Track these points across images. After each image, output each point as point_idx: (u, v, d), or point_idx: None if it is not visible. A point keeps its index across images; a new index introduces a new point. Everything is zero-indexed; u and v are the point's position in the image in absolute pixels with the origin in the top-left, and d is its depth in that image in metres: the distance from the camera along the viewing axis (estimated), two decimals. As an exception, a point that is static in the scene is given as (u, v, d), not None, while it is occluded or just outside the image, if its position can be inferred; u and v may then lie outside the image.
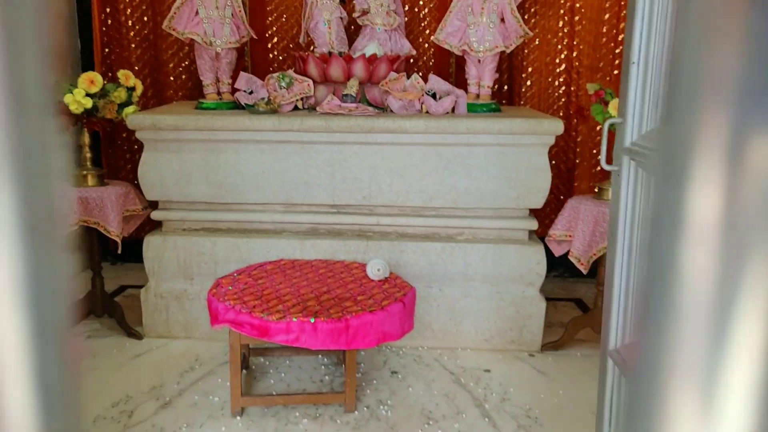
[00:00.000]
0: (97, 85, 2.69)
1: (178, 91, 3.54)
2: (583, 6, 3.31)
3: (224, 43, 2.92)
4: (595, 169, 3.46)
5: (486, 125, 2.71)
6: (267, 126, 2.74)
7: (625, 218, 1.35)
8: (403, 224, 2.87)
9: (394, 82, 2.91)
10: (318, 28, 3.04)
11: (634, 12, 1.30)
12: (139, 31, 3.49)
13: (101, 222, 2.75)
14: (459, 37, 2.94)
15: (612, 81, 3.36)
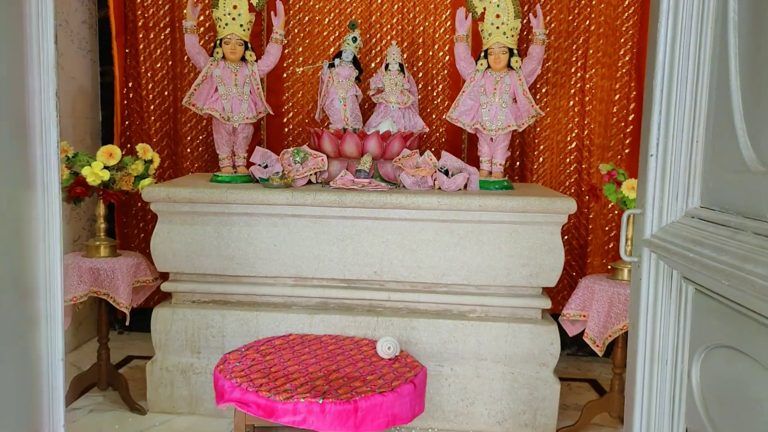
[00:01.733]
0: (115, 157, 2.74)
1: (194, 162, 3.59)
2: (593, 87, 3.38)
3: (241, 118, 2.98)
4: (608, 246, 3.44)
5: (498, 203, 2.71)
6: (280, 200, 2.76)
7: (646, 312, 1.33)
8: (415, 300, 2.84)
9: (407, 159, 2.94)
10: (333, 105, 3.11)
11: (652, 104, 1.32)
12: (160, 105, 3.58)
13: (111, 293, 2.74)
14: (472, 116, 2.99)
15: (623, 159, 3.39)
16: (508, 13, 2.89)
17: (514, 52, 2.92)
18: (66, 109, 3.28)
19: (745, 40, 1.12)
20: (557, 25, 3.39)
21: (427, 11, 3.48)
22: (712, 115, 1.22)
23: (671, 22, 1.27)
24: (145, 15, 3.51)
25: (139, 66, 3.54)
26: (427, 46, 3.50)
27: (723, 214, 1.15)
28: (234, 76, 2.97)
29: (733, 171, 1.13)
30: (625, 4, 3.34)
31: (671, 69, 1.28)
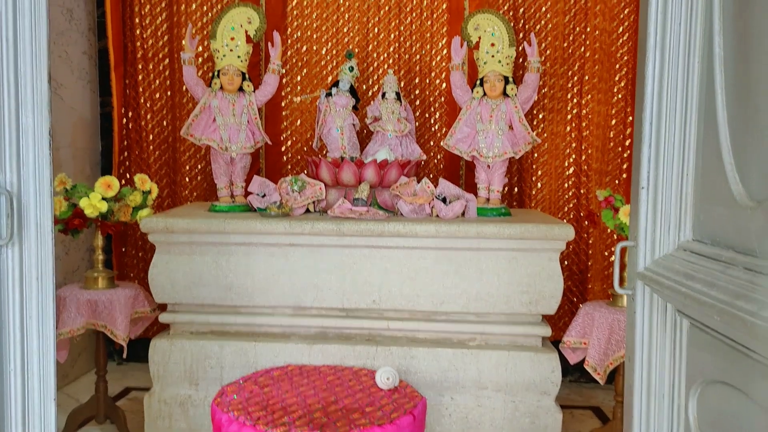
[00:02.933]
0: (113, 189, 2.75)
1: (193, 191, 3.60)
2: (589, 113, 3.40)
3: (239, 148, 3.00)
4: (608, 270, 3.43)
5: (497, 230, 2.71)
6: (278, 229, 2.76)
7: (642, 345, 1.32)
8: (414, 329, 2.82)
9: (405, 187, 2.95)
10: (331, 134, 3.13)
11: (642, 137, 1.32)
12: (158, 135, 3.60)
13: (108, 325, 2.73)
14: (468, 143, 3.00)
15: (621, 184, 3.39)
16: (502, 41, 2.92)
17: (509, 79, 2.94)
18: (65, 139, 3.31)
19: (731, 74, 1.13)
20: (552, 51, 3.42)
21: (423, 40, 3.52)
22: (701, 149, 1.23)
23: (659, 57, 1.28)
24: (144, 46, 3.55)
25: (139, 96, 3.57)
26: (423, 74, 3.53)
27: (714, 248, 1.15)
28: (232, 106, 2.99)
29: (723, 205, 1.13)
30: (620, 30, 3.37)
31: (660, 102, 1.29)
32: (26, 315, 1.44)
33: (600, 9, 3.35)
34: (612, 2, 3.36)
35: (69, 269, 3.35)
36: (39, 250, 1.40)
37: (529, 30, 3.38)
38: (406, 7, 3.52)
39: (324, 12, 3.54)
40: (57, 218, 2.70)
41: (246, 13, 2.98)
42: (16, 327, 1.47)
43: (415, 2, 3.51)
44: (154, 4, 3.53)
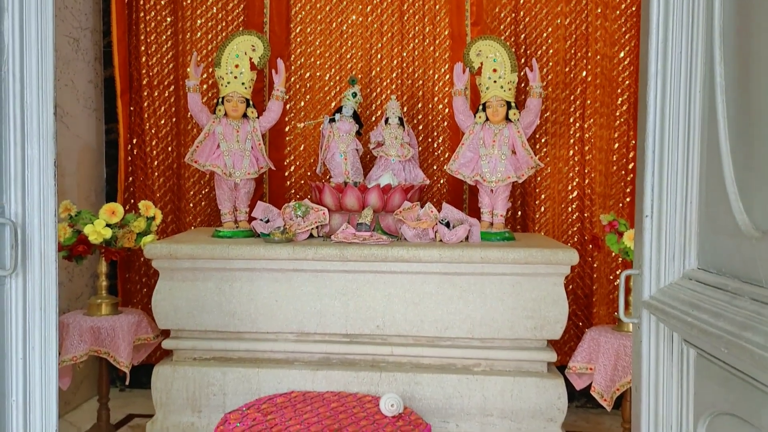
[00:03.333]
0: (117, 215, 2.76)
1: (197, 217, 3.61)
2: (592, 137, 3.41)
3: (243, 174, 3.01)
4: (613, 294, 3.41)
5: (500, 255, 2.70)
6: (282, 255, 2.76)
7: (648, 375, 1.30)
8: (418, 355, 2.80)
9: (408, 211, 2.95)
10: (334, 159, 3.14)
11: (645, 165, 1.32)
12: (163, 161, 3.62)
13: (111, 352, 2.72)
14: (472, 168, 3.01)
15: (624, 207, 3.38)
16: (504, 67, 2.94)
17: (511, 104, 2.96)
18: (71, 166, 3.33)
19: (732, 104, 1.13)
20: (554, 76, 3.44)
21: (426, 65, 3.54)
22: (704, 178, 1.22)
23: (660, 85, 1.28)
24: (149, 74, 3.59)
25: (144, 123, 3.60)
26: (426, 99, 3.56)
27: (720, 277, 1.14)
28: (236, 132, 3.01)
29: (727, 234, 1.12)
30: (621, 55, 3.40)
31: (662, 131, 1.29)
32: (29, 346, 1.43)
33: (600, 35, 3.38)
34: (612, 28, 3.38)
35: (73, 295, 3.35)
36: (43, 281, 1.40)
37: (530, 55, 3.41)
38: (408, 34, 3.55)
39: (327, 39, 3.58)
40: (61, 245, 2.71)
41: (250, 40, 3.01)
42: (18, 358, 1.46)
43: (417, 29, 3.54)
44: (159, 32, 3.58)
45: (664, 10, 1.26)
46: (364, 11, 3.55)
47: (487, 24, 3.46)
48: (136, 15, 3.57)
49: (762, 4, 1.04)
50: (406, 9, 3.55)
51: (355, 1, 3.55)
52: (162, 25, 3.58)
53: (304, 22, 3.59)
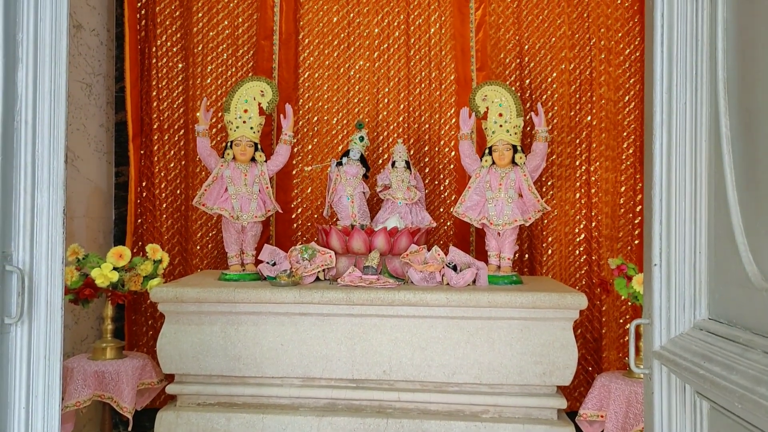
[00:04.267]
0: (125, 258, 2.77)
1: (203, 259, 3.61)
2: (598, 180, 3.41)
3: (250, 217, 3.02)
4: (623, 339, 3.36)
5: (508, 299, 2.68)
6: (288, 298, 2.75)
7: (661, 427, 1.27)
8: (425, 401, 2.76)
9: (415, 255, 2.94)
10: (341, 202, 3.15)
11: (652, 214, 1.32)
12: (172, 203, 3.65)
13: (115, 397, 2.69)
14: (478, 211, 3.01)
15: (633, 251, 3.37)
16: (510, 112, 2.97)
17: (517, 148, 2.98)
18: (80, 209, 3.35)
19: (739, 155, 1.13)
20: (559, 120, 3.47)
21: (432, 110, 3.59)
22: (713, 228, 1.22)
23: (665, 135, 1.29)
24: (160, 118, 3.64)
25: (153, 166, 3.63)
26: (433, 143, 3.59)
27: (731, 329, 1.13)
28: (244, 176, 3.03)
29: (737, 285, 1.11)
30: (626, 99, 3.43)
31: (669, 179, 1.29)
32: (32, 394, 1.42)
33: (605, 79, 3.42)
34: (616, 73, 3.43)
35: (78, 338, 3.33)
36: (48, 329, 1.40)
37: (535, 100, 3.44)
38: (415, 79, 3.60)
39: (335, 83, 3.64)
40: (68, 288, 2.71)
41: (259, 86, 3.06)
42: (21, 406, 1.45)
43: (423, 74, 3.60)
44: (171, 78, 3.65)
45: (667, 62, 1.27)
46: (371, 57, 3.61)
47: (492, 69, 3.51)
48: (148, 61, 3.64)
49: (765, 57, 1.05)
50: (412, 55, 3.61)
51: (362, 47, 3.62)
52: (173, 71, 3.65)
53: (312, 68, 3.65)
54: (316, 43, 3.65)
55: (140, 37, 3.64)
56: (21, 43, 1.43)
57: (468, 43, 3.54)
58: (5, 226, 1.36)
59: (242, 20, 3.65)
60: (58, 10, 1.48)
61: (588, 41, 3.47)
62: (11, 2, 1.41)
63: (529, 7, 3.53)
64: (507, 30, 3.54)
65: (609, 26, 3.43)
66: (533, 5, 3.52)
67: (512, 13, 3.53)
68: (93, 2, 3.48)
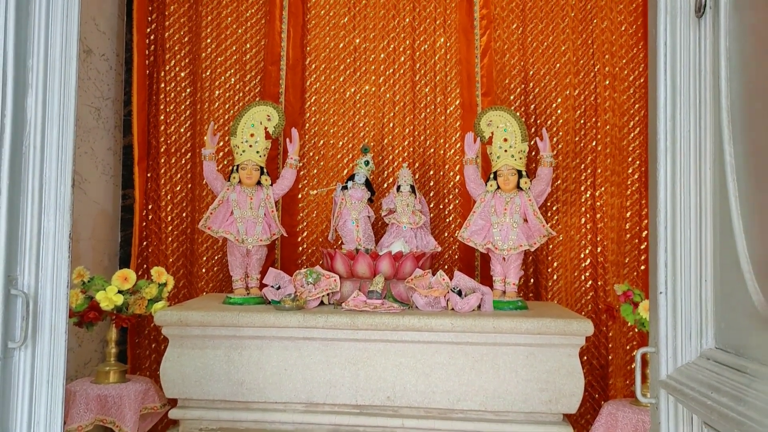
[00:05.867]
0: (130, 281, 2.77)
1: (209, 282, 3.61)
2: (604, 205, 3.41)
3: (255, 240, 3.02)
4: (630, 366, 3.33)
5: (513, 324, 2.66)
6: (292, 323, 2.74)
7: (668, 459, 1.25)
8: (430, 428, 2.72)
9: (420, 279, 2.93)
10: (346, 226, 3.16)
11: (657, 242, 1.31)
12: (177, 226, 3.66)
13: (117, 421, 2.68)
14: (483, 236, 3.01)
15: (639, 276, 3.35)
16: (515, 137, 2.98)
17: (522, 173, 2.98)
18: (86, 232, 3.37)
19: (744, 183, 1.13)
20: (564, 145, 3.48)
21: (437, 134, 3.61)
22: (719, 256, 1.21)
23: (670, 163, 1.29)
24: (167, 141, 3.67)
25: (160, 189, 3.65)
26: (437, 167, 3.60)
27: (739, 359, 1.11)
28: (249, 199, 3.04)
29: (744, 314, 1.10)
30: (630, 125, 3.44)
31: (673, 207, 1.29)
32: (34, 420, 1.41)
33: (609, 105, 3.44)
34: (621, 99, 3.44)
35: (81, 361, 3.32)
36: (51, 353, 1.40)
37: (540, 125, 3.46)
38: (420, 103, 3.63)
39: (341, 108, 3.66)
40: (72, 311, 2.71)
41: (266, 110, 3.09)
42: (23, 430, 1.44)
43: (429, 99, 3.62)
44: (179, 102, 3.68)
45: (671, 90, 1.28)
46: (377, 82, 3.65)
47: (497, 94, 3.53)
48: (156, 86, 3.69)
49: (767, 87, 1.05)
50: (418, 80, 3.64)
51: (368, 72, 3.65)
52: (181, 95, 3.69)
53: (318, 92, 3.68)
54: (323, 68, 3.68)
55: (149, 62, 3.69)
56: (31, 69, 1.45)
57: (473, 69, 3.57)
58: (11, 250, 1.37)
59: (250, 46, 3.70)
60: (68, 37, 1.51)
61: (592, 67, 3.49)
62: (22, 29, 1.43)
63: (534, 34, 3.56)
64: (512, 56, 3.57)
65: (613, 53, 3.46)
66: (538, 32, 3.56)
67: (517, 39, 3.57)
68: (103, 28, 3.53)
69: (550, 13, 3.54)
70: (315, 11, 3.69)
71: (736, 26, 1.18)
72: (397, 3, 3.65)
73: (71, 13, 1.47)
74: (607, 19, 3.48)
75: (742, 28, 1.16)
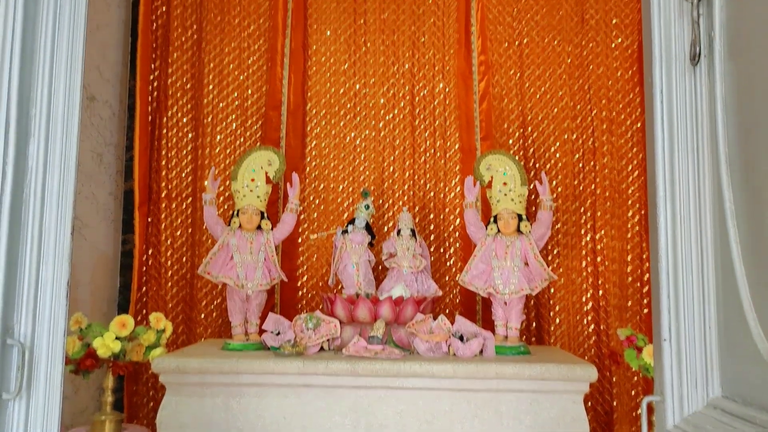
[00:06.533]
0: (128, 328, 2.74)
1: (207, 328, 3.58)
2: (604, 248, 3.40)
3: (255, 285, 3.01)
4: (636, 412, 3.27)
5: (516, 370, 2.62)
6: (291, 369, 2.69)
7: None
8: (432, 478, 2.65)
9: (421, 324, 2.90)
10: (347, 271, 3.14)
11: (660, 289, 1.30)
12: (177, 271, 3.65)
13: (112, 473, 2.61)
14: (484, 280, 2.99)
15: (642, 320, 3.32)
16: (514, 180, 3.00)
17: (522, 217, 2.99)
18: (85, 277, 3.35)
19: (744, 229, 1.13)
20: (563, 189, 3.49)
21: (437, 178, 3.62)
22: (722, 302, 1.20)
23: (669, 209, 1.29)
24: (169, 186, 3.69)
25: (160, 234, 3.65)
26: (438, 210, 3.60)
27: (747, 408, 1.09)
28: (249, 244, 3.04)
29: (749, 362, 1.08)
30: (629, 168, 3.46)
31: (675, 253, 1.29)
32: (26, 474, 1.38)
33: (607, 149, 3.47)
34: (619, 143, 3.47)
35: (77, 410, 3.26)
36: (46, 405, 1.37)
37: (539, 169, 3.48)
38: (420, 148, 3.66)
39: (341, 152, 3.69)
40: (69, 359, 2.67)
41: (267, 155, 3.11)
42: (14, 485, 1.40)
43: (428, 143, 3.66)
44: (180, 148, 3.72)
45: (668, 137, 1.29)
46: (377, 126, 3.68)
47: (496, 138, 3.57)
48: (159, 131, 3.72)
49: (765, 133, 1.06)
50: (417, 124, 3.68)
51: (368, 117, 3.70)
52: (183, 140, 3.73)
53: (319, 137, 3.72)
54: (323, 113, 3.73)
55: (152, 107, 3.73)
56: (34, 118, 1.46)
57: (472, 114, 3.61)
58: (8, 299, 1.35)
59: (251, 92, 3.75)
60: (71, 87, 1.52)
61: (590, 112, 3.53)
62: (26, 79, 1.45)
63: (531, 79, 3.62)
64: (510, 101, 3.62)
65: (610, 98, 3.51)
66: (535, 77, 3.61)
67: (515, 85, 3.62)
68: (107, 75, 3.59)
69: (547, 59, 3.61)
70: (316, 58, 3.76)
71: (731, 73, 1.20)
72: (397, 50, 3.72)
73: (75, 64, 1.49)
74: (603, 65, 3.54)
75: (737, 75, 1.17)
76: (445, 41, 3.69)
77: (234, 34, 3.75)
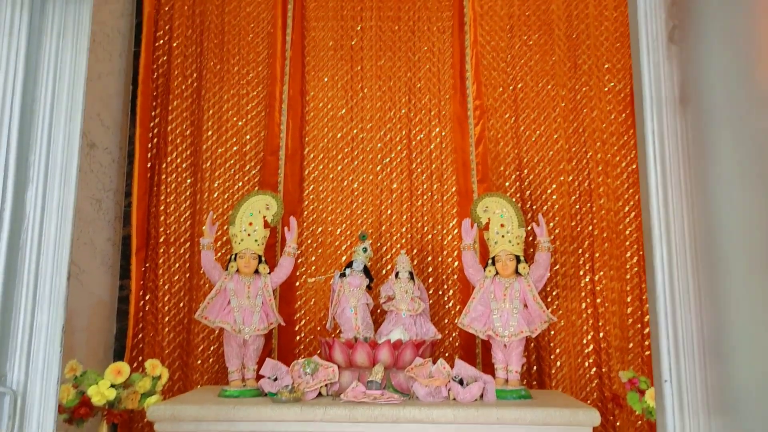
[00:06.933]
0: (123, 375, 2.70)
1: (204, 374, 3.53)
2: (603, 289, 3.39)
3: (252, 330, 2.98)
4: (641, 457, 3.20)
5: (517, 415, 2.58)
6: (289, 416, 2.65)
7: None
8: None
9: (420, 368, 2.87)
10: (345, 314, 3.12)
11: (658, 330, 1.29)
12: (174, 316, 3.62)
13: None
14: (483, 322, 2.97)
15: (644, 362, 3.28)
16: (512, 222, 3.01)
17: (520, 258, 2.98)
18: (81, 323, 3.32)
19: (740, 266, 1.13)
20: (561, 230, 3.50)
21: (434, 221, 3.64)
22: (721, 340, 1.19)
23: (665, 249, 1.29)
24: (167, 231, 3.69)
25: (158, 279, 3.64)
26: (435, 254, 3.60)
27: (751, 451, 1.07)
28: (247, 288, 3.02)
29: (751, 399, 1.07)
30: (626, 210, 3.48)
31: (672, 292, 1.28)
32: None
33: (604, 190, 3.49)
34: (615, 184, 3.50)
35: (69, 460, 3.18)
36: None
37: (536, 210, 3.50)
38: (417, 191, 3.68)
39: (339, 196, 3.71)
40: (63, 407, 2.63)
41: (264, 200, 3.13)
42: None
43: (425, 186, 3.68)
44: (179, 193, 3.73)
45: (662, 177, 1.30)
46: (374, 170, 3.72)
47: (492, 181, 3.59)
48: (158, 177, 3.75)
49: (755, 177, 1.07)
50: (414, 168, 3.71)
51: (365, 161, 3.73)
52: (182, 186, 3.75)
53: (316, 181, 3.74)
54: (321, 157, 3.76)
55: (151, 154, 3.77)
56: (32, 165, 1.48)
57: (468, 157, 3.65)
58: (2, 346, 1.34)
59: (250, 137, 3.79)
60: (71, 133, 1.55)
61: (585, 154, 3.57)
62: (26, 125, 1.47)
63: (526, 123, 3.67)
64: (506, 144, 3.66)
65: (604, 140, 3.55)
66: (531, 121, 3.66)
67: (510, 128, 3.67)
68: (108, 122, 3.64)
69: (542, 103, 3.66)
70: (314, 104, 3.81)
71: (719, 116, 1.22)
72: (393, 96, 3.78)
73: (75, 112, 1.51)
74: (597, 109, 3.60)
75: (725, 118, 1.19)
76: (441, 87, 3.76)
77: (233, 81, 3.82)
